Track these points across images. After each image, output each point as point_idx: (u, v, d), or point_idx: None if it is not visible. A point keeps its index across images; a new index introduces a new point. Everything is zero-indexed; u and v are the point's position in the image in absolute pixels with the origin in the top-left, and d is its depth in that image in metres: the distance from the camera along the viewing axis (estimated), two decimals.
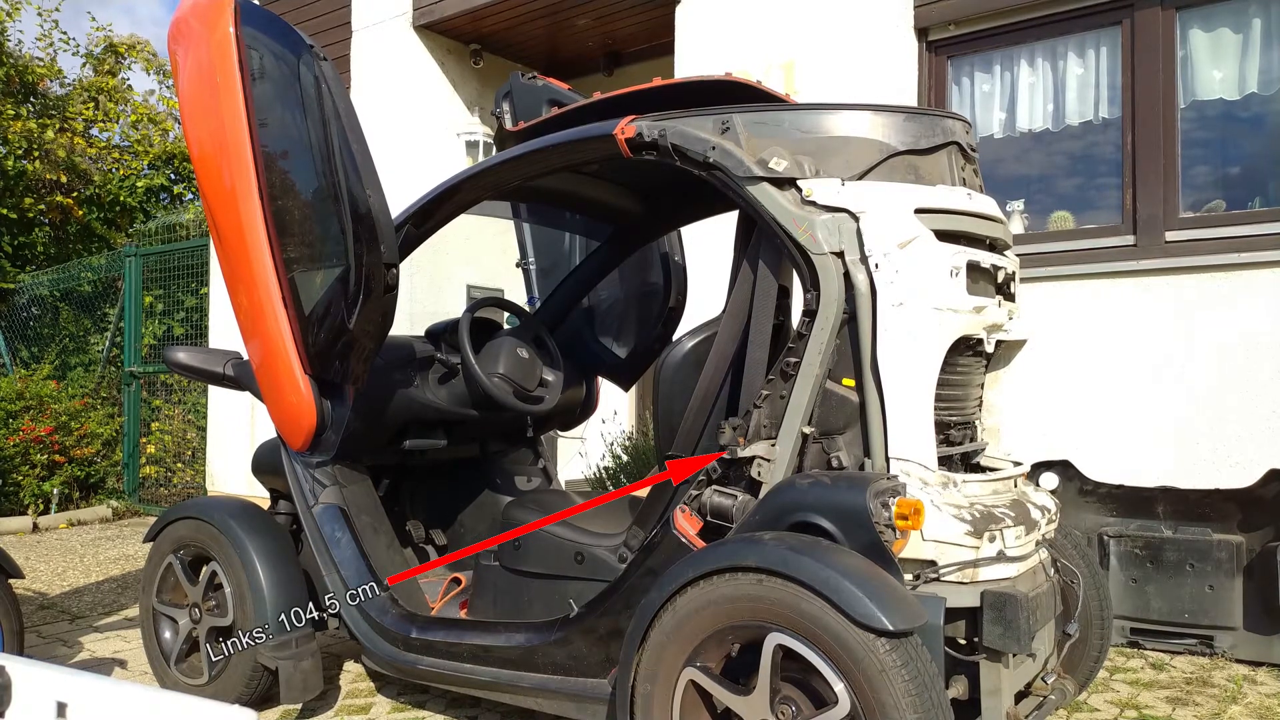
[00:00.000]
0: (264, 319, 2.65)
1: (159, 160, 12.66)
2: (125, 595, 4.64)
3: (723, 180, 2.19)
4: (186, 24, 2.68)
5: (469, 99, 6.61)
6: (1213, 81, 3.81)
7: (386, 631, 2.68)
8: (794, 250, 2.11)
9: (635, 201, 3.17)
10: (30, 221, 11.38)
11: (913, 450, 2.04)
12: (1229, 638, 3.42)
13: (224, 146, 2.60)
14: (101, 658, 3.58)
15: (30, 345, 9.41)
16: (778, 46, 4.73)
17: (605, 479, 4.90)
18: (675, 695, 2.02)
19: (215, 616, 2.92)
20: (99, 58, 13.35)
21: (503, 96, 3.24)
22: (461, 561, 3.28)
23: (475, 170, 2.67)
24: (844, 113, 2.20)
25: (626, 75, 6.52)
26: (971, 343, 2.23)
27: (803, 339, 2.11)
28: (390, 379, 2.92)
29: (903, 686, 1.73)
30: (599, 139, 2.37)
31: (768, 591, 1.87)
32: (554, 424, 3.60)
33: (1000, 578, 2.03)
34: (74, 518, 7.05)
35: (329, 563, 2.77)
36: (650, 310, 3.51)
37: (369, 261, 2.49)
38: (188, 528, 3.01)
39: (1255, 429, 3.52)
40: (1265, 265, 3.54)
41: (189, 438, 7.66)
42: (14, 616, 2.75)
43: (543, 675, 2.41)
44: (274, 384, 2.73)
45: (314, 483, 2.86)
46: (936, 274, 2.06)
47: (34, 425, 7.12)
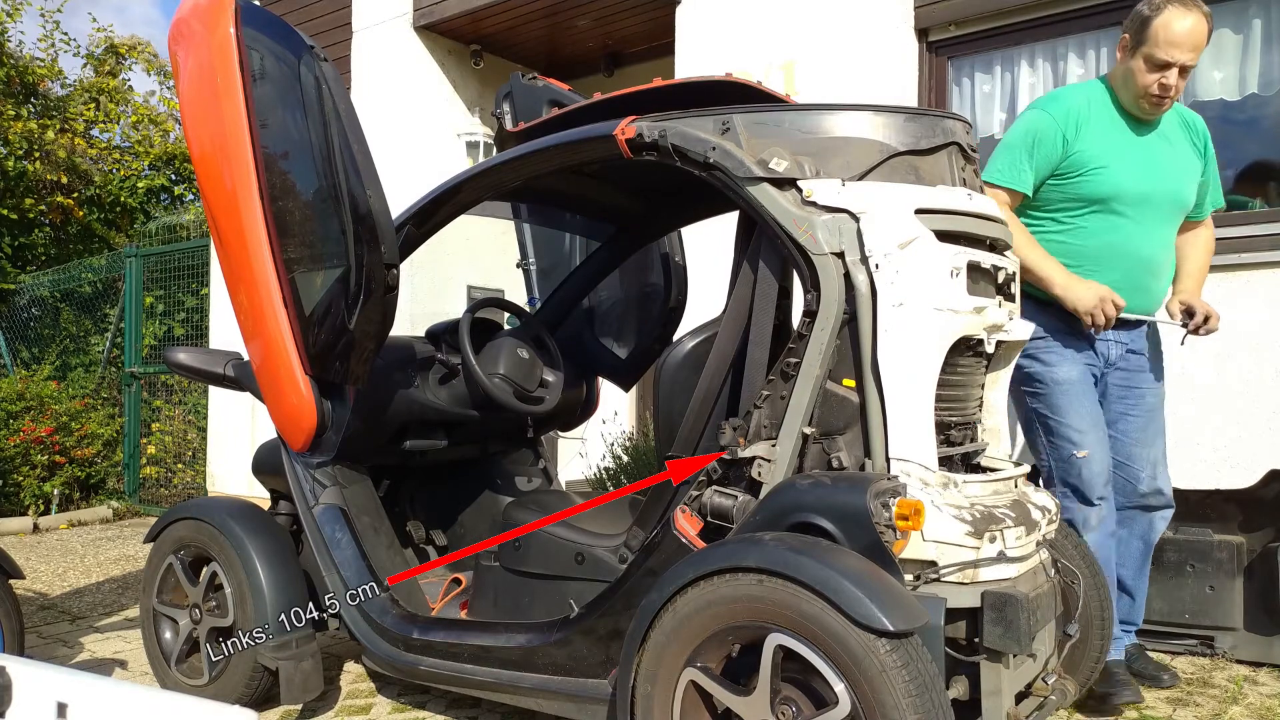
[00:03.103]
0: (264, 319, 2.66)
1: (160, 161, 12.66)
2: (126, 596, 4.65)
3: (723, 181, 2.19)
4: (187, 25, 2.68)
5: (469, 100, 6.61)
6: (1213, 82, 3.81)
7: (387, 632, 2.69)
8: (794, 251, 2.12)
9: (636, 202, 3.17)
10: (31, 222, 11.38)
11: (913, 451, 2.04)
12: (1229, 638, 3.42)
13: (224, 147, 2.60)
14: (102, 658, 3.58)
15: (31, 346, 9.41)
16: (778, 47, 4.73)
17: (605, 479, 4.90)
18: (675, 696, 2.02)
19: (215, 617, 2.92)
20: (100, 58, 13.35)
21: (503, 97, 3.24)
22: (462, 562, 3.28)
23: (476, 170, 2.67)
24: (844, 113, 2.20)
25: (626, 76, 6.52)
26: (972, 343, 2.23)
27: (803, 339, 2.11)
28: (391, 379, 2.92)
29: (903, 687, 1.73)
30: (599, 139, 2.37)
31: (768, 592, 1.87)
32: (554, 424, 3.59)
33: (1001, 578, 2.03)
34: (74, 518, 7.05)
35: (329, 563, 2.77)
36: (650, 311, 3.51)
37: (369, 262, 2.49)
38: (188, 528, 3.01)
39: (1256, 430, 3.52)
40: (1266, 266, 3.54)
41: (189, 438, 7.66)
42: (14, 617, 2.75)
43: (543, 676, 2.41)
44: (274, 384, 2.73)
45: (314, 483, 2.86)
46: (937, 274, 2.06)
47: (34, 426, 7.12)
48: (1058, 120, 2.81)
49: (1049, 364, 2.87)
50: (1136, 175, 2.83)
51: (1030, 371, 2.89)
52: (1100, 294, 2.76)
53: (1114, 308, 2.76)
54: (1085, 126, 2.82)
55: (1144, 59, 2.73)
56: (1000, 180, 2.85)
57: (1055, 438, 2.85)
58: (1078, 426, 2.82)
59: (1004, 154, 2.88)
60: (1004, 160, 2.87)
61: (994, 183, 2.84)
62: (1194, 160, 2.95)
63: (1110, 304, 2.75)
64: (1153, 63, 2.72)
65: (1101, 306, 2.75)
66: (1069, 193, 2.86)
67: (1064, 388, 2.84)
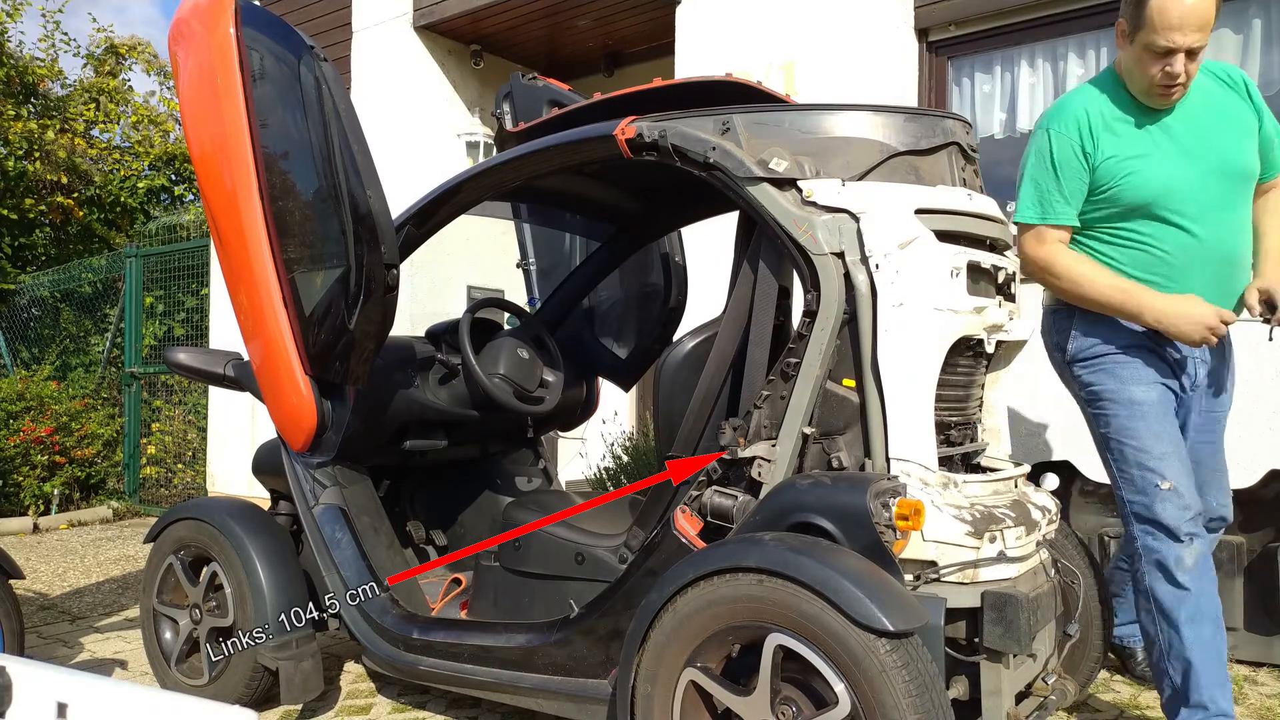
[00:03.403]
0: (264, 319, 2.66)
1: (159, 161, 12.67)
2: (126, 596, 4.65)
3: (723, 181, 2.19)
4: (187, 25, 2.68)
5: (469, 100, 6.61)
6: None
7: (387, 632, 2.69)
8: (794, 251, 2.12)
9: (636, 202, 3.17)
10: (31, 222, 11.39)
11: (913, 451, 2.04)
12: (1229, 638, 3.41)
13: (224, 147, 2.60)
14: (102, 658, 3.58)
15: (31, 346, 9.41)
16: (778, 47, 4.73)
17: (605, 479, 4.90)
18: (676, 696, 2.03)
19: (216, 617, 2.92)
20: (100, 59, 13.36)
21: (503, 97, 3.25)
22: (462, 562, 3.29)
23: (476, 171, 2.67)
24: (844, 113, 2.20)
25: (627, 76, 6.52)
26: (972, 343, 2.23)
27: (803, 339, 2.11)
28: (391, 379, 2.92)
29: (903, 687, 1.73)
30: (599, 140, 2.37)
31: (768, 592, 1.87)
32: (554, 424, 3.60)
33: (1001, 578, 2.03)
34: (74, 518, 7.05)
35: (329, 563, 2.77)
36: (650, 311, 3.51)
37: (369, 262, 2.49)
38: (188, 528, 3.01)
39: (1256, 430, 3.52)
40: None
41: (189, 438, 7.66)
42: (15, 617, 2.75)
43: (543, 676, 2.41)
44: (274, 385, 2.74)
45: (314, 483, 2.86)
46: (937, 274, 2.06)
47: (34, 426, 7.12)
48: (1069, 136, 2.43)
49: (1123, 381, 2.45)
50: (1177, 163, 2.40)
51: (1099, 389, 2.50)
52: (1203, 314, 2.34)
53: (1223, 324, 2.34)
54: (1101, 132, 2.43)
55: (1144, 47, 2.33)
56: (1034, 218, 2.48)
57: (1131, 467, 2.43)
58: (1158, 452, 2.40)
59: (1029, 189, 2.50)
60: (1031, 196, 2.49)
61: (1029, 222, 2.49)
62: (1244, 115, 2.47)
63: (1219, 322, 2.34)
64: (1154, 51, 2.31)
65: (1213, 330, 2.34)
66: (1109, 208, 2.45)
67: (1142, 409, 2.42)
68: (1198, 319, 2.34)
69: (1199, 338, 2.35)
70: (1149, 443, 2.40)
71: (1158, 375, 2.46)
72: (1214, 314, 2.34)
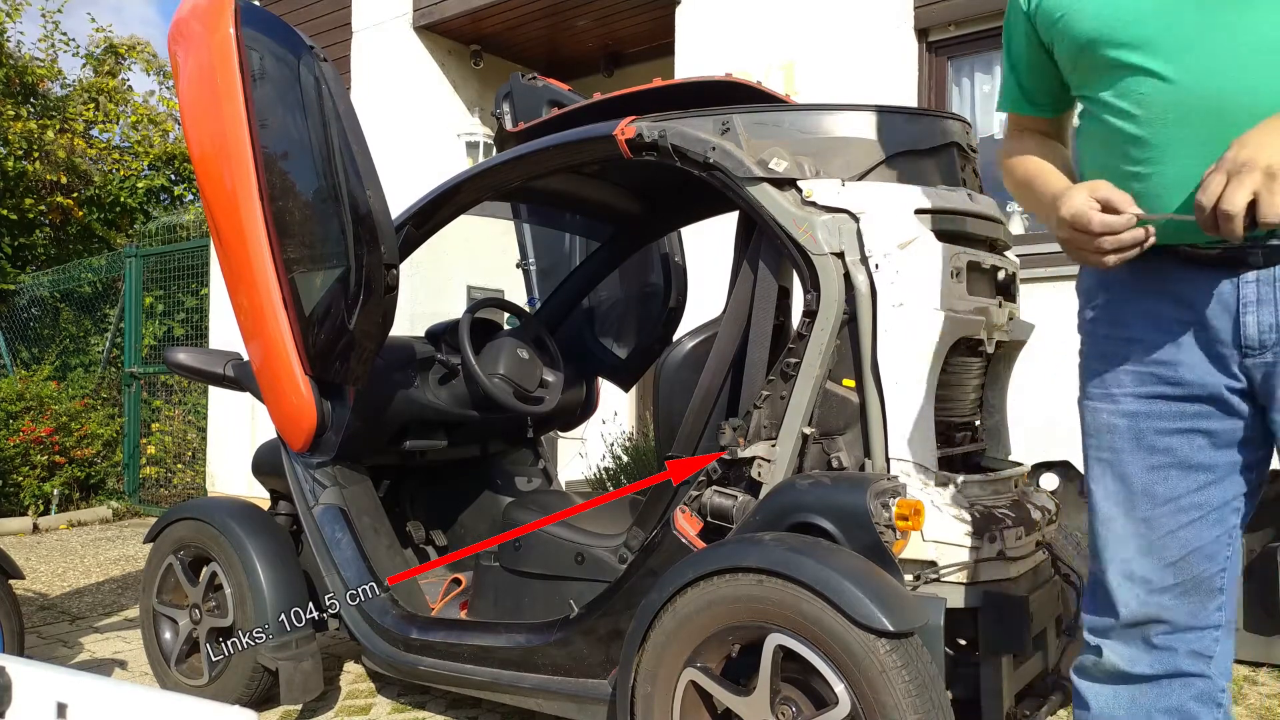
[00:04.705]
0: (264, 320, 2.66)
1: (159, 161, 12.66)
2: (125, 596, 4.64)
3: (723, 181, 2.19)
4: (187, 25, 2.68)
5: (469, 100, 6.61)
6: None
7: (387, 632, 2.69)
8: (794, 251, 2.12)
9: (636, 202, 3.17)
10: (30, 222, 11.38)
11: (913, 451, 2.04)
12: None
13: (224, 147, 2.60)
14: (102, 658, 3.58)
15: (30, 346, 9.41)
16: (778, 47, 4.73)
17: (605, 480, 4.90)
18: (675, 696, 2.02)
19: (215, 617, 2.92)
20: (99, 59, 13.36)
21: (503, 97, 3.25)
22: (462, 562, 3.28)
23: (476, 171, 2.67)
24: (844, 113, 2.20)
25: (626, 76, 6.52)
26: (972, 343, 2.23)
27: (803, 339, 2.11)
28: (390, 380, 2.92)
29: (903, 687, 1.73)
30: (599, 140, 2.37)
31: (768, 592, 1.87)
32: (554, 425, 3.60)
33: (1001, 578, 2.03)
34: (74, 518, 7.05)
35: (329, 563, 2.77)
36: (650, 311, 3.51)
37: (369, 262, 2.49)
38: (188, 528, 3.01)
39: None
40: None
41: (189, 439, 7.66)
42: (14, 617, 2.75)
43: (543, 676, 2.41)
44: (274, 385, 2.74)
45: (314, 483, 2.86)
46: (937, 275, 2.06)
47: (34, 426, 7.12)
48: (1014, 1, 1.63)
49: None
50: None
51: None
52: (1065, 203, 1.41)
53: (1099, 213, 1.35)
54: None
55: None
56: (999, 106, 1.76)
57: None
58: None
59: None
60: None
61: (1000, 111, 1.76)
62: None
63: (1089, 208, 1.35)
64: None
65: (1078, 223, 1.36)
66: (1069, 70, 1.55)
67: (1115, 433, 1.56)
68: (1056, 214, 1.42)
69: (1063, 239, 1.41)
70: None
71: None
72: (1081, 197, 1.37)
